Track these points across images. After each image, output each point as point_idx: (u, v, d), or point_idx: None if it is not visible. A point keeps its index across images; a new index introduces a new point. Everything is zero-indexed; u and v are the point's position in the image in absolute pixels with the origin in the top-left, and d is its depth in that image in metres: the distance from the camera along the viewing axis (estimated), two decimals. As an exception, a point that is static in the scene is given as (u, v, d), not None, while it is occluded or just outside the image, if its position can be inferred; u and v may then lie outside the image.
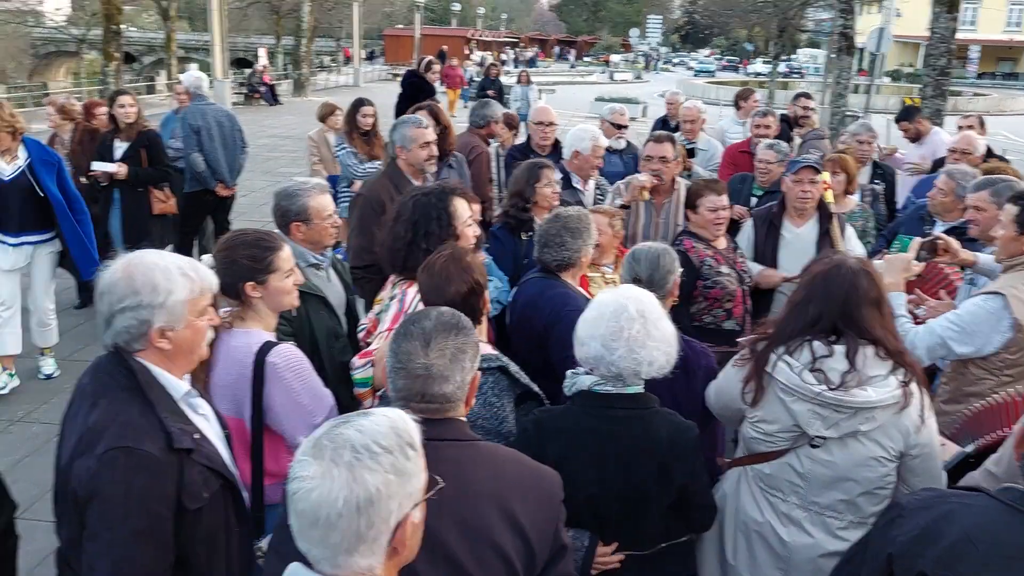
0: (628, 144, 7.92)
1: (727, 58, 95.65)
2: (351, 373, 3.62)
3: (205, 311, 2.57)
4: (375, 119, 8.74)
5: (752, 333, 3.34)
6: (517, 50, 76.93)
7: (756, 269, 5.53)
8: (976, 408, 3.53)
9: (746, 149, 7.95)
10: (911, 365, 3.02)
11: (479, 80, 26.12)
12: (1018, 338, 3.76)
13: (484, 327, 3.30)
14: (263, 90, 33.44)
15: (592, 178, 6.35)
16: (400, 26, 70.44)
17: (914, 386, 2.99)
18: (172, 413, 2.45)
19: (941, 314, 4.03)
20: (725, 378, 3.32)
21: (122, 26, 25.41)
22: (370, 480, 1.63)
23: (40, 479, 5.18)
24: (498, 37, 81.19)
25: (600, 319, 2.91)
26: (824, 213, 5.56)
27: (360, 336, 4.04)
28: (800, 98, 9.64)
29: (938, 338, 3.80)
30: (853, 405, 2.92)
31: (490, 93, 19.19)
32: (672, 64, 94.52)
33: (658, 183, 5.90)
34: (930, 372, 4.32)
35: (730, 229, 5.69)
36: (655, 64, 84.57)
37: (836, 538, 3.08)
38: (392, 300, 3.83)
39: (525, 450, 2.52)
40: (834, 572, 2.53)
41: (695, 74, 69.53)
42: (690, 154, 7.80)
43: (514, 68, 47.89)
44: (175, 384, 2.54)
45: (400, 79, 12.85)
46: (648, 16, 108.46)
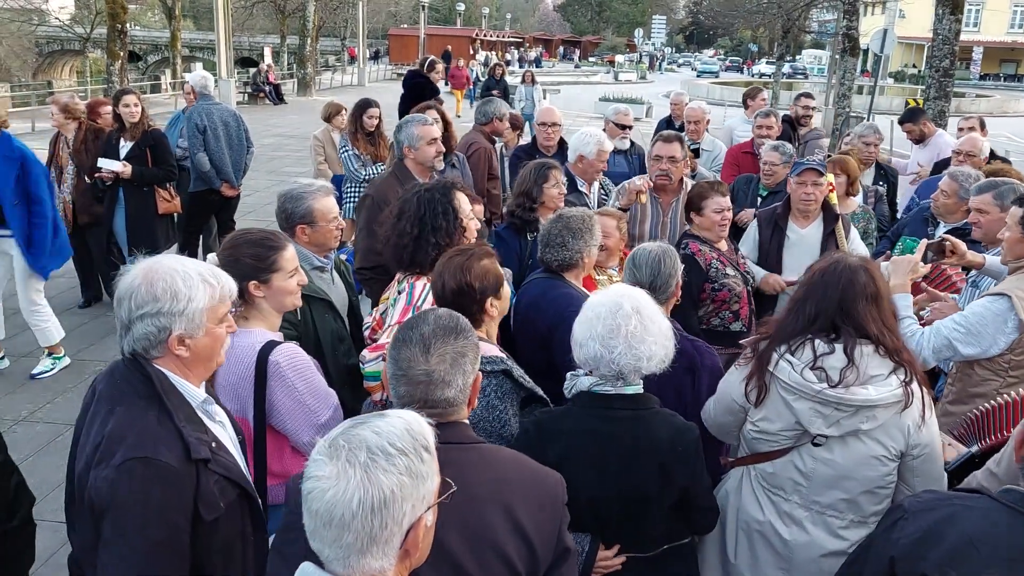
0: (632, 144, 7.94)
1: (730, 59, 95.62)
2: (361, 366, 3.61)
3: (224, 318, 2.53)
4: (380, 120, 8.76)
5: (754, 333, 3.34)
6: (521, 50, 76.91)
7: (760, 274, 5.54)
8: (983, 409, 3.53)
9: (749, 150, 7.97)
10: (910, 363, 3.03)
11: (484, 80, 26.13)
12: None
13: (492, 331, 3.28)
14: (268, 89, 33.50)
15: (596, 181, 6.37)
16: (405, 26, 70.57)
17: (915, 386, 3.00)
18: (190, 421, 2.42)
19: (945, 316, 4.03)
20: (726, 382, 3.33)
21: (127, 25, 25.46)
22: (385, 482, 1.63)
23: (45, 478, 5.19)
24: (503, 37, 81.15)
25: (596, 319, 2.91)
26: (829, 214, 5.58)
27: (365, 334, 4.04)
28: (801, 98, 9.65)
29: (944, 339, 3.80)
30: (854, 403, 2.94)
31: (495, 93, 19.19)
32: (677, 65, 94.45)
33: (665, 182, 5.92)
34: (932, 373, 4.32)
35: (731, 232, 5.70)
36: (659, 64, 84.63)
37: (837, 537, 3.10)
38: (400, 294, 3.83)
39: (525, 451, 2.52)
40: (837, 575, 2.53)
41: (698, 75, 69.39)
42: (694, 154, 7.82)
43: (519, 68, 47.96)
44: (193, 392, 2.51)
45: (402, 79, 12.83)
46: (653, 17, 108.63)
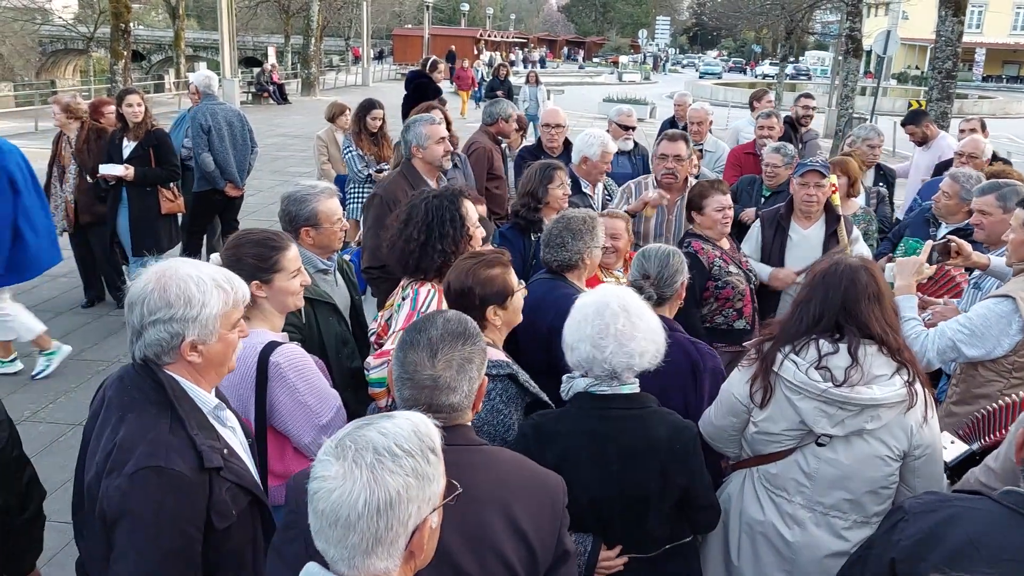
0: (636, 145, 7.95)
1: (733, 60, 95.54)
2: (366, 373, 3.61)
3: (237, 323, 2.50)
4: (383, 121, 8.78)
5: (758, 334, 3.35)
6: (526, 51, 76.91)
7: (765, 271, 5.55)
8: (987, 411, 3.53)
9: (751, 150, 7.99)
10: (911, 363, 3.04)
11: (488, 81, 26.13)
12: (1028, 340, 3.76)
13: (496, 339, 3.27)
14: (272, 89, 33.52)
15: (600, 182, 6.37)
16: (409, 26, 70.71)
17: (918, 386, 3.02)
18: (202, 429, 2.39)
19: (946, 319, 4.04)
20: (729, 384, 3.33)
21: (130, 24, 25.49)
22: (391, 483, 1.64)
23: (48, 478, 5.15)
24: (507, 37, 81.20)
25: (585, 321, 2.92)
26: (831, 215, 5.58)
27: (372, 340, 4.04)
28: (801, 99, 9.71)
29: (948, 341, 3.81)
30: (859, 402, 2.95)
31: (499, 93, 19.21)
32: (681, 66, 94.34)
33: (671, 181, 5.95)
34: (934, 374, 4.32)
35: (735, 231, 5.71)
36: (663, 65, 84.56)
37: (840, 538, 3.10)
38: (404, 300, 3.83)
39: (524, 454, 2.52)
40: (838, 576, 2.54)
41: (700, 76, 69.22)
42: (699, 155, 7.82)
43: (523, 68, 47.92)
44: (204, 398, 2.49)
45: (404, 80, 12.82)
46: (657, 17, 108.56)
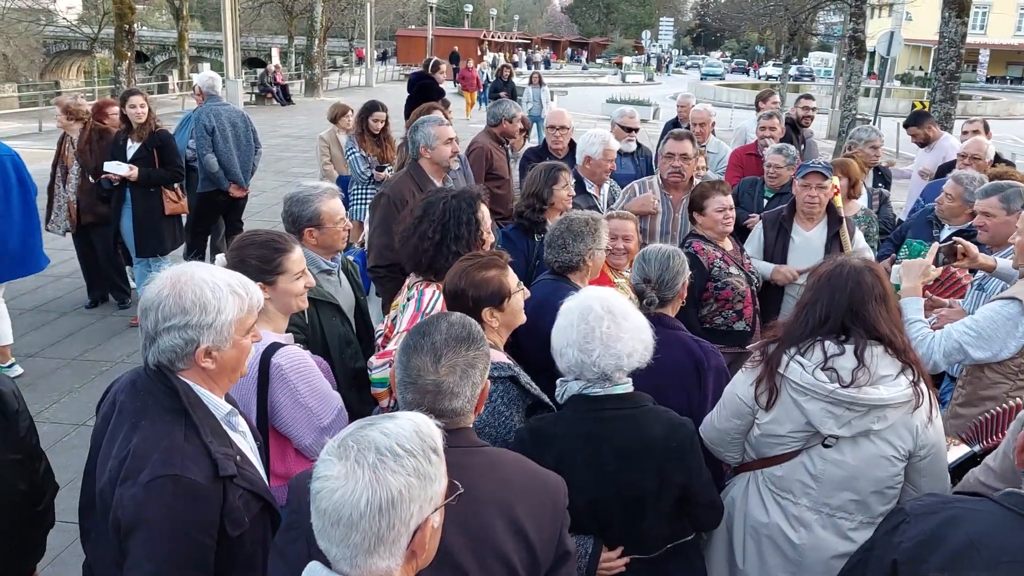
0: (639, 146, 7.95)
1: (736, 60, 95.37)
2: (369, 373, 3.62)
3: (251, 329, 2.49)
4: (386, 123, 8.79)
5: (761, 336, 3.35)
6: (529, 52, 76.90)
7: (768, 268, 5.56)
8: (990, 415, 3.53)
9: (753, 151, 8.01)
10: (916, 363, 3.05)
11: (492, 82, 26.11)
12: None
13: (496, 340, 3.26)
14: (275, 90, 33.53)
15: (606, 183, 6.38)
16: (413, 27, 70.67)
17: (923, 386, 3.02)
18: (216, 436, 2.38)
19: (951, 321, 4.04)
20: (733, 386, 3.33)
21: (134, 25, 25.51)
22: (393, 482, 1.65)
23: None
24: (510, 38, 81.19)
25: (570, 326, 2.93)
26: (833, 217, 5.58)
27: (378, 342, 4.05)
28: (801, 99, 9.75)
29: (955, 343, 3.80)
30: (866, 403, 2.95)
31: (502, 94, 19.20)
32: (685, 67, 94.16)
33: (677, 179, 5.97)
34: (937, 376, 4.33)
35: (738, 233, 5.71)
36: (667, 66, 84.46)
37: (847, 539, 3.10)
38: (409, 301, 3.84)
39: None
40: (837, 578, 2.54)
41: (701, 77, 69.01)
42: (702, 156, 7.84)
43: (526, 69, 47.88)
44: (218, 403, 2.48)
45: (407, 81, 12.81)
46: (660, 19, 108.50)
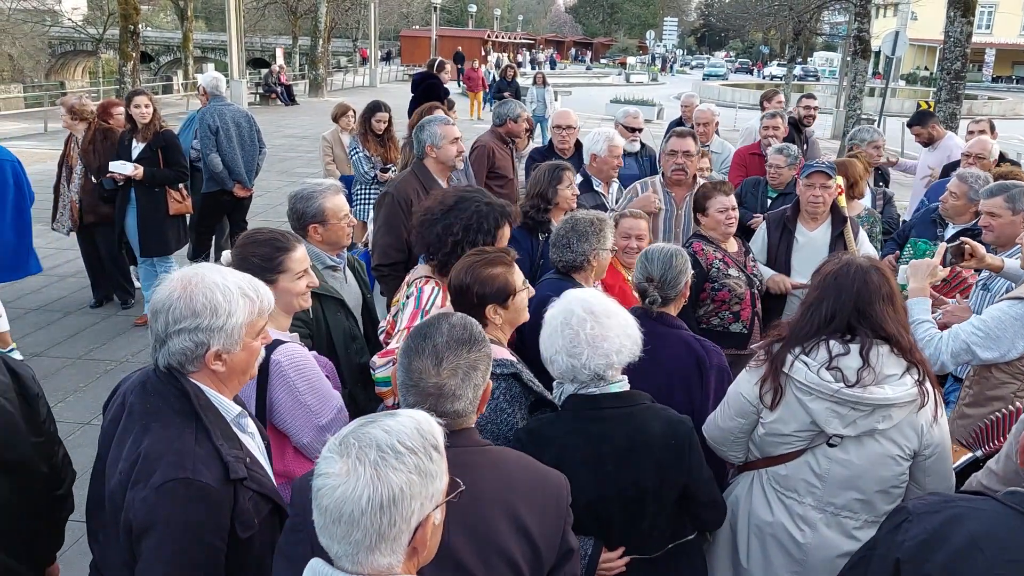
0: (643, 146, 7.95)
1: (739, 60, 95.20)
2: (372, 372, 3.63)
3: (261, 331, 2.48)
4: (389, 123, 8.81)
5: (764, 336, 3.35)
6: (533, 52, 76.88)
7: (768, 274, 5.54)
8: (992, 419, 3.53)
9: (756, 151, 8.00)
10: (922, 363, 3.05)
11: (496, 82, 26.10)
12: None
13: (499, 337, 3.26)
14: (279, 90, 33.57)
15: (614, 181, 6.38)
16: (417, 27, 70.67)
17: (928, 385, 3.02)
18: (226, 439, 2.37)
19: (957, 319, 4.03)
20: (736, 386, 3.32)
21: (139, 26, 25.57)
22: (394, 479, 1.66)
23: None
24: (514, 39, 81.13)
25: (555, 333, 2.93)
26: (837, 216, 5.58)
27: (381, 338, 4.06)
28: (803, 99, 9.78)
29: (963, 343, 3.80)
30: (871, 403, 2.95)
31: (506, 95, 19.22)
32: (690, 67, 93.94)
33: (681, 177, 5.96)
34: (941, 376, 4.32)
35: (743, 233, 5.71)
36: (671, 66, 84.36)
37: (851, 538, 3.09)
38: (408, 298, 3.85)
39: None
40: (840, 576, 2.54)
41: (704, 78, 68.75)
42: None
43: (530, 70, 47.84)
44: (227, 406, 2.48)
45: (411, 81, 12.82)
46: (664, 19, 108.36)
